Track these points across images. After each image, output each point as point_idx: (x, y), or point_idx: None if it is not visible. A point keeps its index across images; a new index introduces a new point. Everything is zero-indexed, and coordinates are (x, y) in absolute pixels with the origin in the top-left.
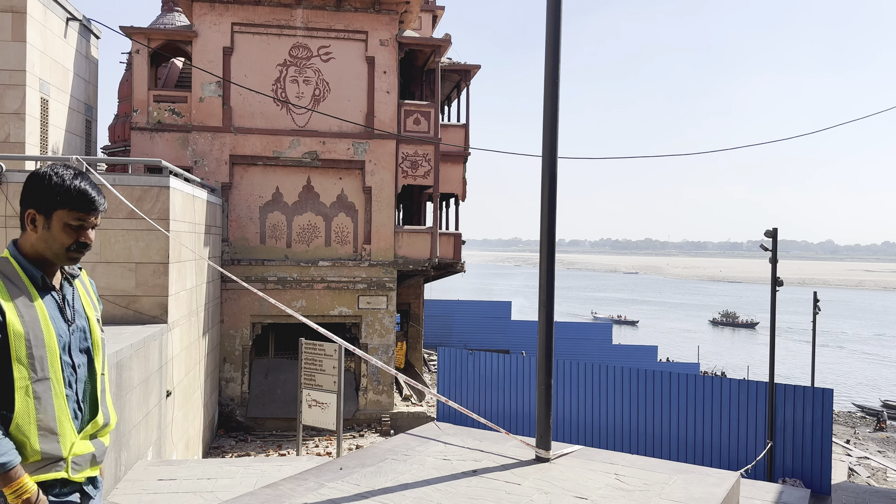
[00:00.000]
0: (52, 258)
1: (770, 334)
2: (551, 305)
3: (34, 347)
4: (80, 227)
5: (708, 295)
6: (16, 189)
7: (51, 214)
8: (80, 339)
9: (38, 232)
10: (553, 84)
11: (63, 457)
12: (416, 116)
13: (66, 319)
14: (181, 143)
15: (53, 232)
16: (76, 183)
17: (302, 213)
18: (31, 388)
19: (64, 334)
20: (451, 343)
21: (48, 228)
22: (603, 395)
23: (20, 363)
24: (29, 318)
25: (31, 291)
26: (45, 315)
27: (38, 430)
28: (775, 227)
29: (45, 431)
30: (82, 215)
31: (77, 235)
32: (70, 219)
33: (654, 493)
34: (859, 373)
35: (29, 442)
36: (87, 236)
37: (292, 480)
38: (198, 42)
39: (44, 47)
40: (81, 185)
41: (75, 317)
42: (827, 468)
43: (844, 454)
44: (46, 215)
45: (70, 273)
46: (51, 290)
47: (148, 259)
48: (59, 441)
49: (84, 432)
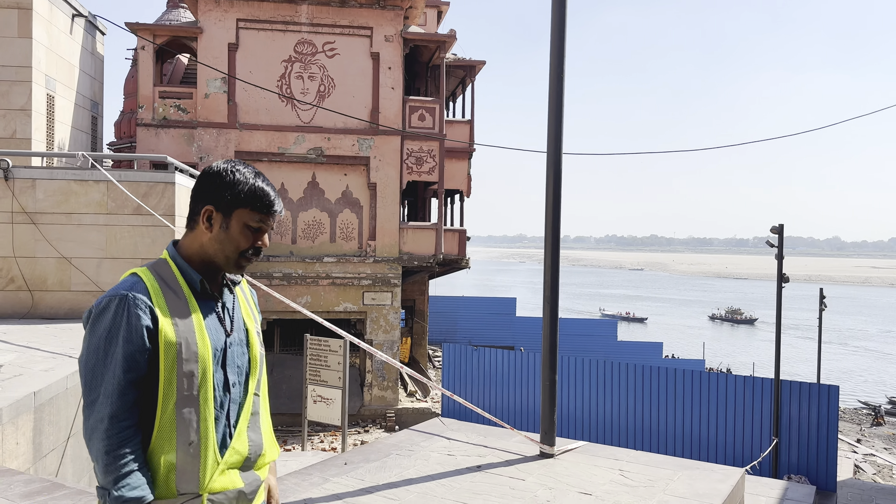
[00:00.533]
0: (223, 262)
1: (776, 331)
2: (556, 302)
3: (185, 361)
4: (259, 229)
5: (713, 291)
6: (23, 185)
7: (230, 213)
8: (237, 353)
9: (213, 232)
10: (558, 80)
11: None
12: (420, 112)
13: (225, 331)
14: (186, 139)
15: (231, 233)
16: (258, 182)
17: (307, 210)
18: (175, 407)
19: (220, 348)
20: (456, 339)
21: (226, 229)
22: (607, 392)
23: (168, 378)
24: (184, 328)
25: (189, 298)
26: (201, 325)
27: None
28: (781, 224)
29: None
30: (263, 217)
31: (254, 239)
32: (251, 219)
33: (659, 489)
34: (865, 369)
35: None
36: (264, 241)
37: (297, 475)
38: (203, 38)
39: (50, 44)
40: (263, 184)
41: (234, 328)
42: (833, 465)
43: (850, 451)
44: (225, 214)
45: (231, 280)
46: (211, 297)
47: (154, 254)
48: (201, 473)
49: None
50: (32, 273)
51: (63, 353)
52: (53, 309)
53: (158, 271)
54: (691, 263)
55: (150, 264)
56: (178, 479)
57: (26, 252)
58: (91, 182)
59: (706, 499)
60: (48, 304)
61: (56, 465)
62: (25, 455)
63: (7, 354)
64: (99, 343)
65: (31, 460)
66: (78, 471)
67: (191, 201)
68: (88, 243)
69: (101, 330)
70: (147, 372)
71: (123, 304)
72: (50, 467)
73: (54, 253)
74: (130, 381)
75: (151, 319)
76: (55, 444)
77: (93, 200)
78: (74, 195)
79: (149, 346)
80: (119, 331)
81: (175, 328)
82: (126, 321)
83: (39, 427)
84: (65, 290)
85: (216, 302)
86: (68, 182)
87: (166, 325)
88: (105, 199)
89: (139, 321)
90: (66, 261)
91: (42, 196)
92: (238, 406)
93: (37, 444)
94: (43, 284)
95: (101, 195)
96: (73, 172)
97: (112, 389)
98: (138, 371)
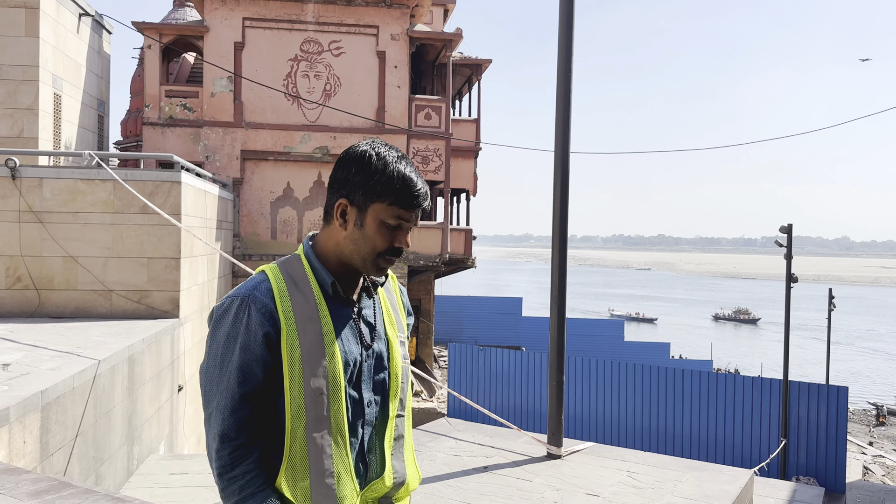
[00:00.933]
0: (359, 264)
1: (784, 331)
2: (563, 302)
3: (312, 377)
4: (399, 227)
5: (721, 291)
6: (30, 184)
7: (366, 208)
8: (374, 367)
9: (348, 230)
10: (566, 79)
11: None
12: (427, 111)
13: (362, 342)
14: (193, 138)
15: (366, 231)
16: (399, 167)
17: (313, 209)
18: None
19: (354, 362)
20: (462, 339)
21: (360, 226)
22: (615, 392)
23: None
24: (311, 337)
25: (320, 302)
26: (331, 335)
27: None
28: (790, 223)
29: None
30: (403, 213)
31: (393, 238)
32: (388, 216)
33: (667, 491)
34: (874, 370)
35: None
36: (404, 239)
37: None
38: (209, 37)
39: (57, 43)
40: (406, 170)
41: (374, 338)
42: (841, 466)
43: (859, 452)
44: (360, 208)
45: (374, 281)
46: (345, 302)
47: (160, 254)
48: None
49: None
50: (39, 272)
51: (70, 352)
52: (60, 308)
53: (289, 270)
54: (699, 263)
55: (281, 261)
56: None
57: (33, 251)
58: (97, 181)
59: (715, 500)
60: (55, 303)
61: (63, 464)
62: (32, 454)
63: (14, 353)
64: (217, 350)
65: (38, 459)
66: (85, 470)
67: (328, 191)
68: (95, 242)
69: (220, 336)
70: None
71: (244, 306)
72: (57, 466)
73: (61, 252)
74: (245, 395)
75: (272, 326)
76: (62, 443)
77: (99, 199)
78: (81, 194)
79: (268, 356)
80: (237, 337)
81: (299, 337)
82: (245, 326)
83: (46, 426)
84: (71, 289)
85: (352, 307)
86: (75, 181)
87: (290, 332)
88: (111, 198)
89: (258, 327)
90: (73, 260)
91: (49, 195)
92: (373, 429)
93: (44, 443)
94: (49, 283)
95: (107, 194)
96: (80, 171)
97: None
98: (254, 384)
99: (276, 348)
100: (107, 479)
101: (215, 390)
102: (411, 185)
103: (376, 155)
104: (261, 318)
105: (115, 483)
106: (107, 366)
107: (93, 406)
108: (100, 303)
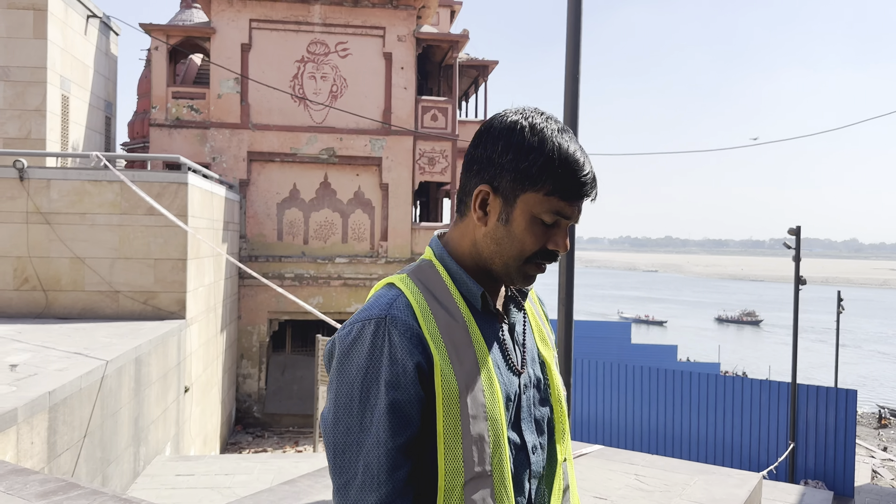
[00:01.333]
0: (500, 270)
1: (793, 334)
2: (570, 304)
3: (472, 420)
4: (555, 224)
5: (729, 293)
6: (37, 185)
7: (514, 198)
8: (534, 400)
9: (488, 225)
10: (573, 80)
11: None
12: (433, 112)
13: (515, 368)
14: (199, 139)
15: (513, 228)
16: (562, 143)
17: (319, 210)
18: (462, 492)
19: (513, 395)
20: None
21: (506, 221)
22: (622, 395)
23: (449, 447)
24: (468, 368)
25: (469, 320)
26: (487, 362)
27: None
28: (798, 225)
29: None
30: (564, 206)
31: (547, 237)
32: (544, 209)
33: (675, 494)
34: (883, 373)
35: None
36: (562, 241)
37: (310, 477)
38: (216, 38)
39: (65, 44)
40: (570, 148)
41: (526, 363)
42: (850, 470)
43: (868, 456)
44: (507, 198)
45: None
46: (494, 317)
47: (166, 255)
48: None
49: None
50: (46, 273)
51: (77, 353)
52: (67, 309)
53: (423, 280)
54: (707, 265)
55: (410, 269)
56: None
57: (41, 252)
58: (105, 182)
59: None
60: (62, 304)
61: (70, 464)
62: (40, 455)
63: (22, 354)
64: (351, 394)
65: (46, 460)
66: (92, 471)
67: (462, 173)
68: (102, 243)
69: (353, 373)
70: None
71: (382, 331)
72: (64, 467)
73: (68, 253)
74: (401, 447)
75: (423, 353)
76: (69, 444)
77: (106, 201)
78: (88, 195)
79: (423, 393)
80: (379, 373)
81: (454, 367)
82: (389, 357)
83: (54, 427)
84: (78, 290)
85: (501, 324)
86: (82, 182)
87: (443, 363)
88: (118, 199)
89: (407, 356)
90: (80, 261)
91: (56, 196)
92: (539, 480)
93: (51, 444)
94: (57, 284)
95: (114, 195)
96: (87, 173)
97: (377, 463)
98: (410, 432)
99: (428, 383)
100: (113, 480)
101: (357, 448)
102: (576, 169)
103: (531, 127)
104: (408, 344)
105: (121, 484)
106: (114, 367)
107: (100, 407)
108: (107, 304)
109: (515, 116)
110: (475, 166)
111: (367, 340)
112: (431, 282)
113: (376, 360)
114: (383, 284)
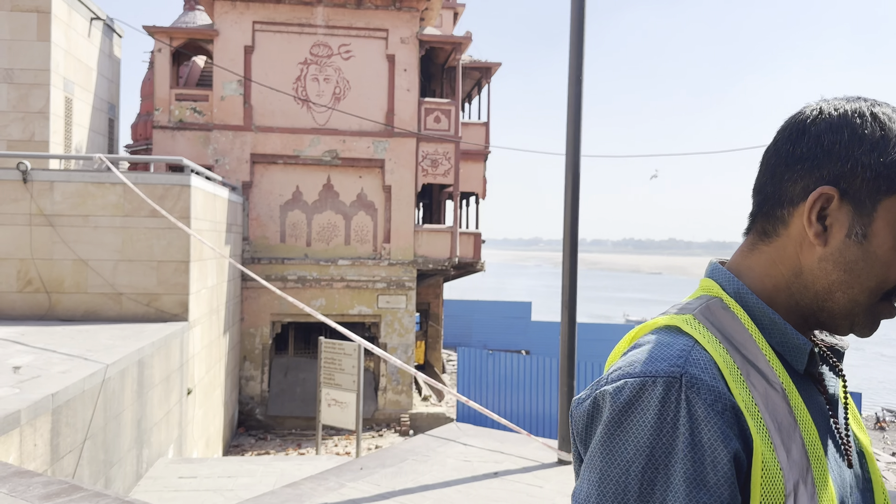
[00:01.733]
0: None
1: None
2: (574, 306)
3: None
4: None
5: None
6: (41, 187)
7: (874, 207)
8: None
9: (830, 244)
10: (577, 82)
11: None
12: (436, 114)
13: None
14: (202, 141)
15: (873, 247)
16: None
17: (322, 212)
18: None
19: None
20: (471, 343)
21: (861, 238)
22: None
23: None
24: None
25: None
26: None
27: None
28: None
29: None
30: None
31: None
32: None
33: None
34: (887, 376)
35: None
36: None
37: (313, 480)
38: (219, 41)
39: (68, 47)
40: None
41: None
42: None
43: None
44: (861, 207)
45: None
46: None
47: (169, 257)
48: None
49: None
50: (50, 275)
51: (80, 355)
52: (70, 311)
53: (716, 324)
54: None
55: (699, 309)
56: None
57: (44, 254)
58: (108, 184)
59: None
60: (65, 307)
61: (73, 467)
62: (43, 457)
63: (25, 356)
64: (625, 482)
65: (49, 462)
66: (94, 473)
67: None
68: (105, 245)
69: (628, 452)
70: None
71: (675, 397)
72: (67, 469)
73: (71, 255)
74: None
75: (741, 437)
76: (72, 446)
77: (109, 203)
78: (91, 197)
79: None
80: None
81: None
82: (688, 440)
83: (57, 429)
84: (81, 293)
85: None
86: (85, 184)
87: (766, 451)
88: (121, 201)
89: (719, 442)
90: (83, 263)
91: (59, 198)
92: None
93: (54, 446)
94: (60, 286)
95: (117, 197)
96: (90, 175)
97: None
98: None
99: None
100: (116, 483)
101: None
102: None
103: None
104: (718, 421)
105: (124, 486)
106: (116, 369)
107: (102, 409)
108: (109, 306)
109: (856, 104)
110: (800, 163)
111: (652, 407)
112: (729, 328)
113: (667, 440)
114: (658, 326)
